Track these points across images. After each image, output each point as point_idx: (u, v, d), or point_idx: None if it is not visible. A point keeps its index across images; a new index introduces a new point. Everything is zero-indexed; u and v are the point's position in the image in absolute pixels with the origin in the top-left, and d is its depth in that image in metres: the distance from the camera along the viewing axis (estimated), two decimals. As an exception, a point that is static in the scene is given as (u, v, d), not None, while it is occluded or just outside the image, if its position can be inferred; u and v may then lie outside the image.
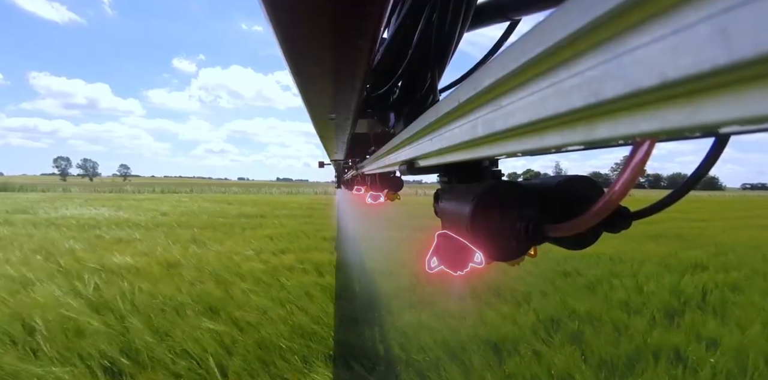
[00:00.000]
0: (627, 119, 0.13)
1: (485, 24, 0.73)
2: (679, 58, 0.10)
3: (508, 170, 29.61)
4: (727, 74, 0.09)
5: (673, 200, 0.32)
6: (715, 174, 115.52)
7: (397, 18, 0.67)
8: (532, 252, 0.36)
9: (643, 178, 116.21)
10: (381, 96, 0.81)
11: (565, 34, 0.13)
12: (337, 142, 1.21)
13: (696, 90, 0.10)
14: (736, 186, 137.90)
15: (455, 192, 0.40)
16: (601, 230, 0.34)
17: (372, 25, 0.33)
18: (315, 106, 0.68)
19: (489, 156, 0.26)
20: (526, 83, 0.18)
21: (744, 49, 0.08)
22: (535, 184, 0.36)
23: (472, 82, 0.23)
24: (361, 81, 0.50)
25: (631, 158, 0.16)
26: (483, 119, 0.23)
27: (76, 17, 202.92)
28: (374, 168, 0.99)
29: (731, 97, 0.10)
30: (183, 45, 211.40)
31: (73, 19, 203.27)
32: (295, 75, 0.48)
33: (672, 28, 0.10)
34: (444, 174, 0.48)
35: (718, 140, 0.27)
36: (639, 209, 0.32)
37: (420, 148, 0.42)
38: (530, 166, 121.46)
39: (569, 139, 0.16)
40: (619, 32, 0.12)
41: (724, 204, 20.67)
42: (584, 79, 0.14)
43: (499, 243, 0.33)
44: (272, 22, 0.32)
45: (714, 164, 0.28)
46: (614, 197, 0.20)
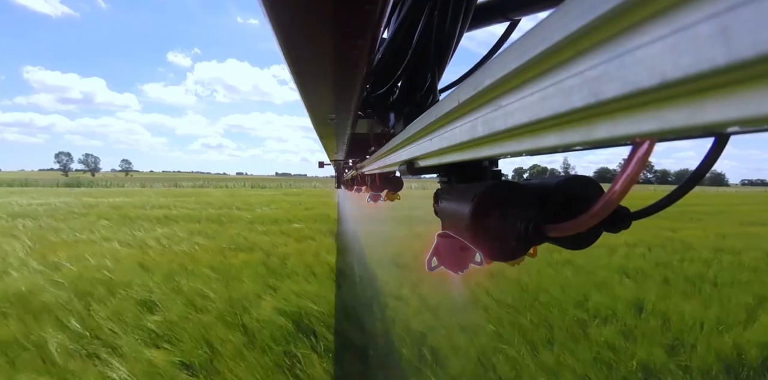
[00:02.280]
0: (627, 119, 0.13)
1: (485, 24, 0.73)
2: (679, 58, 0.10)
3: (515, 164, 29.09)
4: (728, 74, 0.09)
5: (673, 199, 0.31)
6: (722, 171, 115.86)
7: (397, 18, 0.67)
8: (532, 252, 0.36)
9: (650, 174, 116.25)
10: (381, 96, 0.81)
11: (565, 34, 0.13)
12: (337, 142, 1.21)
13: (696, 90, 0.10)
14: (735, 182, 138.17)
15: (455, 192, 0.40)
16: (601, 230, 0.34)
17: (372, 25, 0.33)
18: (315, 106, 0.68)
19: (489, 156, 0.26)
20: (526, 83, 0.18)
21: (744, 49, 0.08)
22: (535, 184, 0.36)
23: (472, 82, 0.23)
24: (361, 81, 0.50)
25: (630, 158, 0.16)
26: (483, 119, 0.23)
27: (70, 10, 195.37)
28: (374, 168, 0.99)
29: (731, 97, 0.10)
30: (177, 38, 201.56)
31: (66, 12, 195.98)
32: (295, 75, 0.48)
33: (672, 28, 0.10)
34: (444, 174, 0.48)
35: (719, 140, 0.27)
36: (639, 209, 0.32)
37: (420, 148, 0.42)
38: (536, 161, 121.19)
39: (569, 139, 0.16)
40: (619, 32, 0.12)
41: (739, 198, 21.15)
42: (584, 79, 0.14)
43: (499, 243, 0.33)
44: (272, 22, 0.32)
45: (714, 163, 0.28)
46: (614, 197, 0.20)
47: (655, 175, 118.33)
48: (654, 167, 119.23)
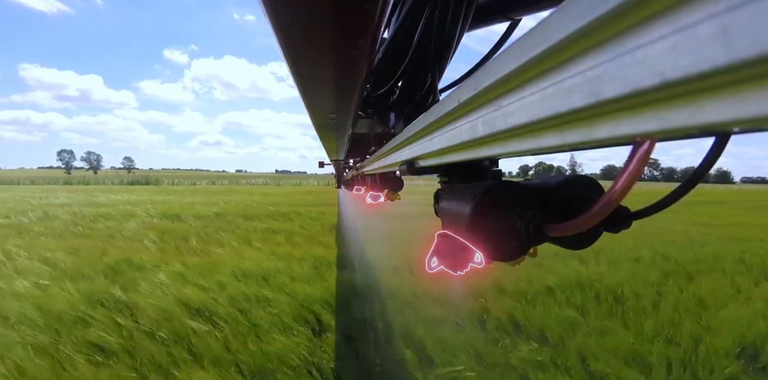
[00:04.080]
0: (627, 119, 0.13)
1: (485, 24, 0.73)
2: (679, 58, 0.10)
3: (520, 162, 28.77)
4: (728, 74, 0.09)
5: (673, 199, 0.31)
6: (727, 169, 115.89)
7: (397, 18, 0.67)
8: (532, 252, 0.36)
9: (656, 172, 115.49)
10: (381, 96, 0.81)
11: (565, 34, 0.13)
12: (338, 142, 1.21)
13: (696, 90, 0.10)
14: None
15: (455, 192, 0.40)
16: (601, 230, 0.34)
17: (372, 25, 0.33)
18: (315, 106, 0.68)
19: (489, 156, 0.26)
20: (526, 83, 0.18)
21: (744, 49, 0.08)
22: (535, 184, 0.36)
23: (472, 82, 0.23)
24: (361, 81, 0.50)
25: (631, 158, 0.16)
26: (483, 119, 0.23)
27: (65, 8, 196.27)
28: (374, 168, 0.99)
29: (731, 97, 0.10)
30: (173, 35, 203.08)
31: (62, 9, 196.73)
32: (295, 75, 0.48)
33: (672, 28, 0.10)
34: (444, 174, 0.48)
35: (719, 139, 0.27)
36: (639, 209, 0.32)
37: (420, 148, 0.42)
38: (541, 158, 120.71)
39: (569, 139, 0.16)
40: (619, 32, 0.12)
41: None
42: (584, 79, 0.14)
43: (499, 243, 0.33)
44: (272, 22, 0.32)
45: (716, 162, 0.28)
46: (614, 196, 0.20)
47: (661, 173, 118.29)
48: (660, 164, 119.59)
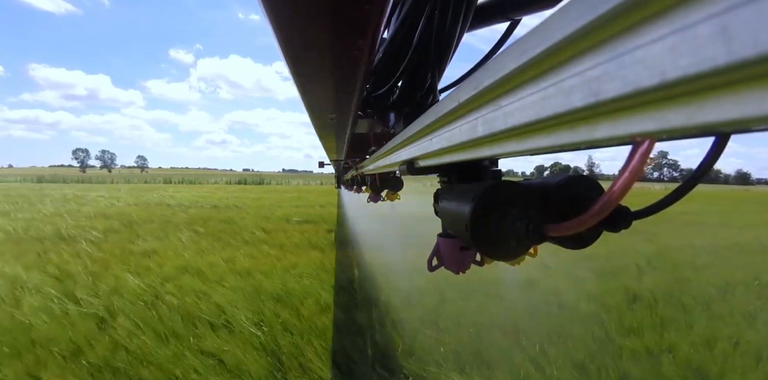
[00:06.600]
0: (627, 119, 0.13)
1: (485, 24, 0.73)
2: (679, 58, 0.10)
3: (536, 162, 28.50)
4: (728, 74, 0.09)
5: (674, 199, 0.31)
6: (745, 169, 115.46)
7: (397, 18, 0.67)
8: (532, 252, 0.36)
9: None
10: (381, 96, 0.81)
11: (565, 34, 0.13)
12: (337, 142, 1.21)
13: (696, 90, 0.10)
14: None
15: (455, 192, 0.40)
16: (601, 230, 0.34)
17: (372, 25, 0.33)
18: (315, 106, 0.68)
19: (489, 156, 0.26)
20: (526, 83, 0.18)
21: (744, 49, 0.08)
22: (535, 184, 0.36)
23: (472, 82, 0.23)
24: (361, 81, 0.50)
25: (630, 158, 0.16)
26: (483, 119, 0.23)
27: (73, 8, 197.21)
28: (374, 168, 0.99)
29: (731, 97, 0.10)
30: (179, 35, 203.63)
31: (69, 9, 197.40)
32: (295, 75, 0.48)
33: (672, 28, 0.10)
34: (444, 174, 0.48)
35: (720, 139, 0.27)
36: (639, 209, 0.32)
37: (420, 148, 0.42)
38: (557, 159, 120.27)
39: (569, 139, 0.16)
40: (619, 32, 0.12)
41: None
42: (584, 79, 0.14)
43: (499, 243, 0.33)
44: (272, 22, 0.32)
45: (716, 162, 0.28)
46: (614, 196, 0.20)
47: (680, 173, 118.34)
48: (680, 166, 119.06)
